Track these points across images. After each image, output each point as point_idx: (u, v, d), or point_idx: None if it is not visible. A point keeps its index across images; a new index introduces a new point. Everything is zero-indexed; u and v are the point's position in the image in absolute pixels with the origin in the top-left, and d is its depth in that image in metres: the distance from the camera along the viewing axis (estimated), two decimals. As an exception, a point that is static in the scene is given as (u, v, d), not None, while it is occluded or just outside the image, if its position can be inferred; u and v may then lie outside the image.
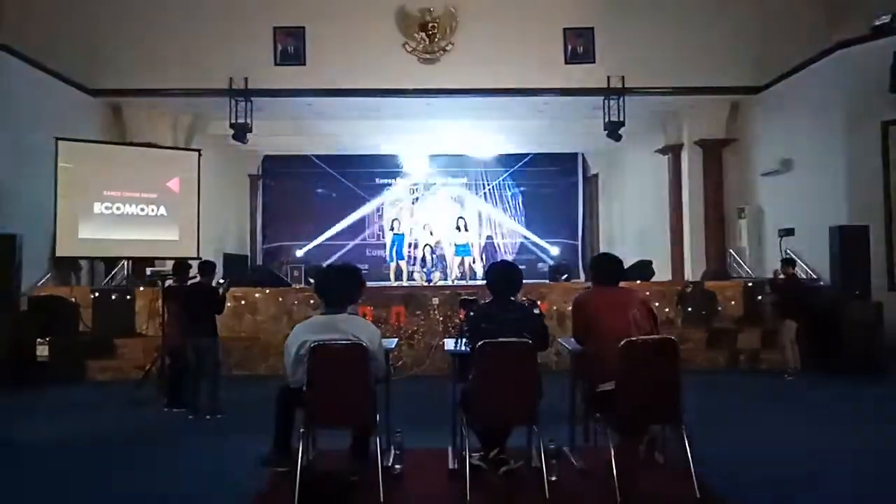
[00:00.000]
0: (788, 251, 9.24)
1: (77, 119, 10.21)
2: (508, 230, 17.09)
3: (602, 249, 15.08)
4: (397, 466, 4.11)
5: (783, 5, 10.42)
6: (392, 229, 13.51)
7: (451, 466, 4.15)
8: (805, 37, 9.98)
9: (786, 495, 3.87)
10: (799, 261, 9.17)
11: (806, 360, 7.78)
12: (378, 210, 16.97)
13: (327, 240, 16.53)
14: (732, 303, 8.93)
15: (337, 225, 16.63)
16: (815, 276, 9.31)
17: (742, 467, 4.32)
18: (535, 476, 3.75)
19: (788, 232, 9.60)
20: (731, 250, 11.66)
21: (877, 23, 8.93)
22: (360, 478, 3.74)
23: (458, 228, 12.91)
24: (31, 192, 8.94)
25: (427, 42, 10.87)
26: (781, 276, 8.09)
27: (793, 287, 8.11)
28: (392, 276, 12.85)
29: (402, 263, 13.01)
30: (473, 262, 13.34)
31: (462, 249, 12.81)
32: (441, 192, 16.99)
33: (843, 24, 9.67)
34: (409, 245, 14.02)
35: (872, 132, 8.82)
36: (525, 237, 17.03)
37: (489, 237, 16.88)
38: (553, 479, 3.70)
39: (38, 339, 7.79)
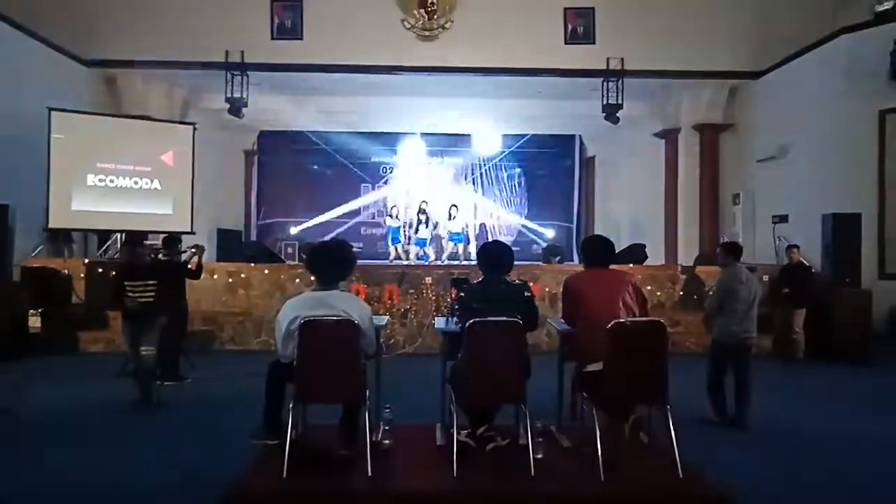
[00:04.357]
0: (781, 237, 9.27)
1: (71, 89, 10.13)
2: (503, 211, 17.06)
3: (597, 232, 15.09)
4: (386, 442, 4.15)
5: (784, -10, 10.37)
6: (390, 215, 13.44)
7: (438, 443, 4.20)
8: (806, 22, 9.94)
9: (770, 475, 3.94)
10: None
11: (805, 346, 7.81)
12: (373, 188, 16.92)
13: (322, 217, 16.48)
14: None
15: (331, 202, 16.56)
16: (807, 264, 9.35)
17: (726, 447, 4.39)
18: (521, 454, 3.80)
19: (782, 218, 9.62)
20: (725, 235, 11.69)
21: (879, 9, 8.89)
22: (349, 452, 3.78)
23: (450, 217, 12.88)
24: (24, 162, 8.88)
25: (426, 19, 10.77)
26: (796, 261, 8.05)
27: (797, 273, 8.07)
28: (391, 258, 12.82)
29: (399, 247, 12.97)
30: (468, 244, 13.34)
31: (455, 237, 12.82)
32: (437, 170, 16.91)
33: (844, 10, 9.62)
34: (405, 224, 13.98)
35: (870, 120, 8.82)
36: (520, 219, 17.01)
37: (482, 224, 16.79)
38: (539, 456, 3.75)
39: (31, 311, 7.80)
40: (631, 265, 9.35)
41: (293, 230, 16.16)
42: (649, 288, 8.48)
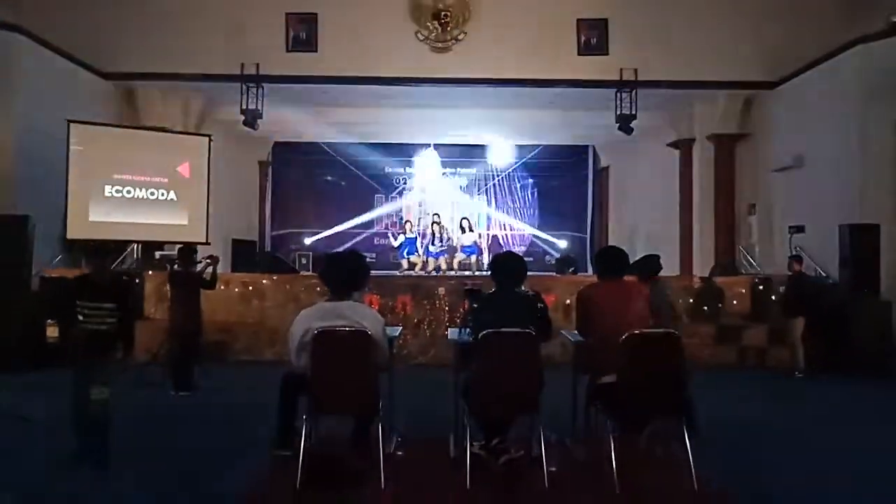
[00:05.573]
0: (798, 248, 9.18)
1: (90, 102, 10.27)
2: (516, 222, 17.03)
3: (611, 243, 15.00)
4: (399, 453, 4.15)
5: (800, -1, 10.33)
6: (403, 232, 13.43)
7: (451, 455, 4.18)
8: (822, 32, 9.88)
9: (786, 491, 3.87)
10: (808, 258, 9.09)
11: (814, 358, 7.71)
12: (387, 199, 16.97)
13: (335, 227, 16.54)
14: (741, 299, 8.89)
15: (345, 213, 16.62)
16: (824, 274, 9.24)
17: (742, 463, 4.32)
18: (535, 466, 3.77)
19: (799, 229, 9.53)
20: (741, 246, 11.59)
21: (894, 19, 8.82)
22: (362, 464, 3.78)
23: (463, 230, 12.90)
24: (44, 173, 9.00)
25: (439, 31, 10.82)
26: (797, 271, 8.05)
27: (799, 284, 8.05)
28: (404, 268, 12.82)
29: (414, 258, 12.93)
30: (480, 255, 13.32)
31: (469, 249, 12.83)
32: (450, 181, 16.94)
33: (861, 20, 9.55)
34: (419, 235, 13.96)
35: (887, 130, 8.71)
36: (533, 229, 16.98)
37: (495, 236, 16.77)
38: (553, 469, 3.72)
39: (48, 321, 7.88)
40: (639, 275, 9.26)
41: (307, 240, 16.23)
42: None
